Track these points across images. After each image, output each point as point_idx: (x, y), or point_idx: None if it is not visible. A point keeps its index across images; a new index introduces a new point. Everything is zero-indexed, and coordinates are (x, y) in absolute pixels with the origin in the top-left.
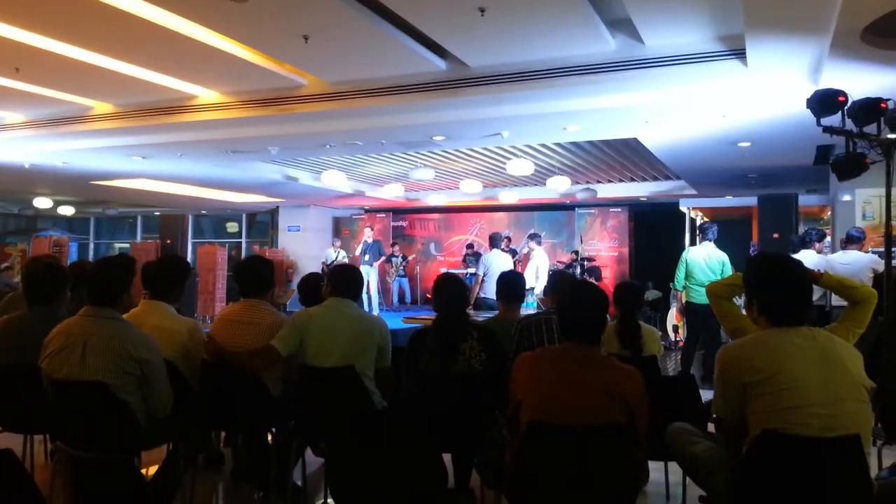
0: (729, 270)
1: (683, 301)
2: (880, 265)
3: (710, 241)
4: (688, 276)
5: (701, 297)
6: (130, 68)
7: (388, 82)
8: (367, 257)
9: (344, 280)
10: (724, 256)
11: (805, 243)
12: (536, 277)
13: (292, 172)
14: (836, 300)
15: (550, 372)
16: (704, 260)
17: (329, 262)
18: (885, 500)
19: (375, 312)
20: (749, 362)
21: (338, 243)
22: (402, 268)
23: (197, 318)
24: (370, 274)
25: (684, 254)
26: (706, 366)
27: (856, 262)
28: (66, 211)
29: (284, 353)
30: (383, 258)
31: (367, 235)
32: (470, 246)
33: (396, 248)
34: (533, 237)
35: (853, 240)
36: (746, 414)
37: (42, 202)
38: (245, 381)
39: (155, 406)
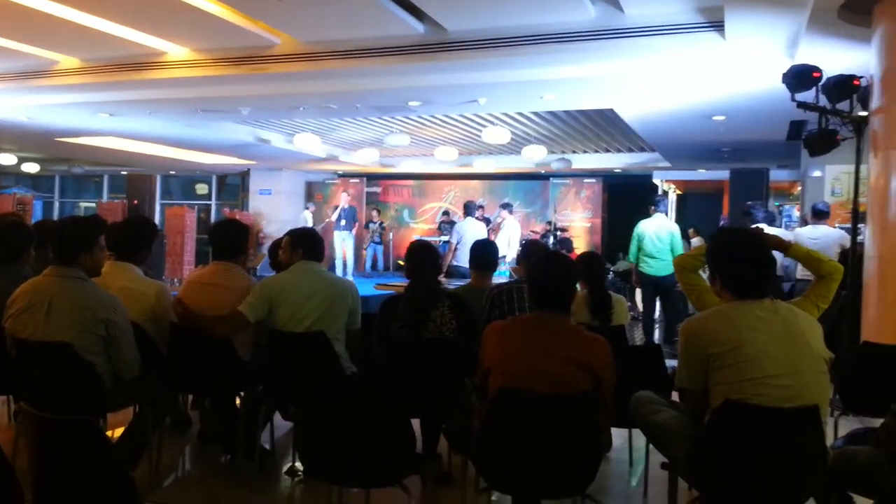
0: (678, 241)
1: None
2: (848, 241)
3: (662, 213)
4: (640, 248)
5: (650, 268)
6: (98, 21)
7: (364, 44)
8: (343, 223)
9: (313, 243)
10: (674, 227)
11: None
12: (508, 246)
13: (264, 134)
14: (801, 273)
15: (519, 340)
16: (654, 232)
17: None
18: (838, 468)
19: (349, 278)
20: (712, 335)
21: (312, 208)
22: (377, 234)
23: (165, 281)
24: (346, 240)
25: (637, 227)
26: (668, 334)
27: (825, 238)
28: (31, 168)
29: (252, 319)
30: (358, 224)
31: (344, 201)
32: (446, 213)
33: (376, 213)
34: (505, 206)
35: (821, 214)
36: (709, 384)
37: (6, 158)
38: (214, 345)
39: (121, 368)
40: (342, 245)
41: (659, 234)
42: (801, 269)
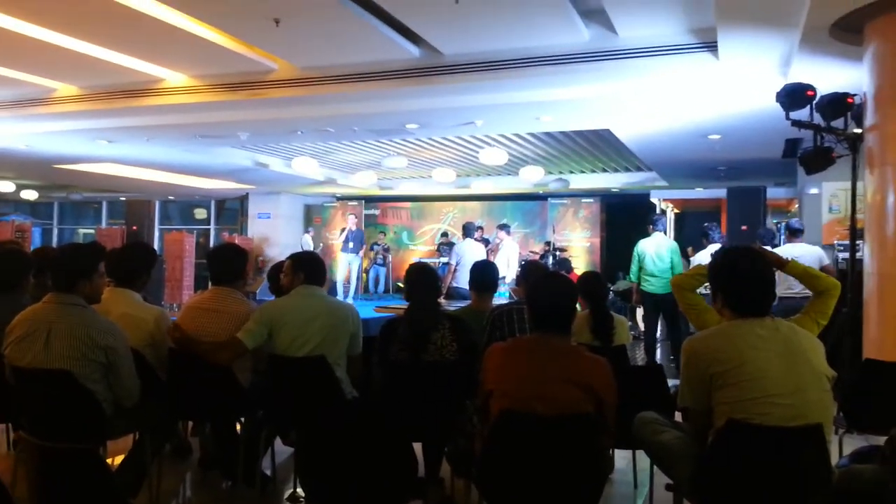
0: (678, 258)
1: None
2: (826, 260)
3: (660, 231)
4: (641, 266)
5: (651, 286)
6: (96, 49)
7: (360, 68)
8: (350, 245)
9: (315, 267)
10: (673, 245)
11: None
12: (507, 266)
13: (263, 159)
14: (783, 291)
15: (521, 362)
16: (655, 251)
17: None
18: (844, 487)
19: (350, 301)
20: (714, 353)
21: (312, 232)
22: (381, 256)
23: (164, 307)
24: (352, 262)
25: (636, 246)
26: (674, 352)
27: (804, 256)
28: (30, 195)
29: (251, 346)
30: (365, 246)
31: (351, 223)
32: (445, 235)
33: (382, 236)
34: (502, 227)
35: (796, 232)
36: (712, 404)
37: (4, 186)
38: (213, 371)
39: (121, 395)
40: (348, 267)
41: (659, 252)
42: (782, 286)
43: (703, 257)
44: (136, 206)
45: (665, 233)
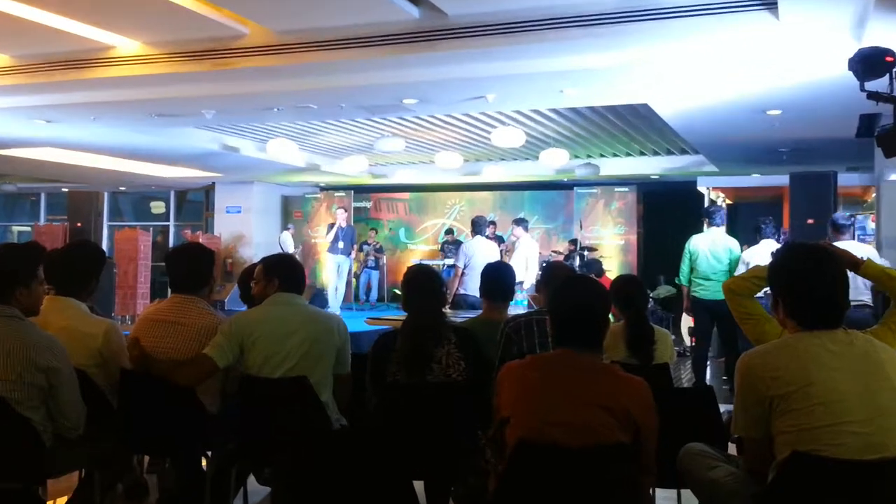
0: (736, 257)
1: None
2: (880, 260)
3: (718, 226)
4: (692, 267)
5: (706, 291)
6: (31, 11)
7: (348, 33)
8: (340, 245)
9: (291, 272)
10: (731, 243)
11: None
12: (525, 269)
13: (232, 141)
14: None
15: (542, 383)
16: (709, 249)
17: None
18: None
19: (336, 311)
20: (774, 372)
21: (293, 229)
22: (372, 258)
23: (114, 319)
24: (342, 265)
25: (688, 243)
26: (728, 370)
27: None
28: None
29: (222, 364)
30: (355, 247)
31: (341, 218)
32: (449, 232)
33: (373, 233)
34: (519, 222)
35: (842, 229)
36: (773, 433)
37: None
38: (174, 395)
39: (64, 424)
40: (337, 271)
41: (715, 251)
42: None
43: (755, 255)
44: (80, 198)
45: (722, 227)
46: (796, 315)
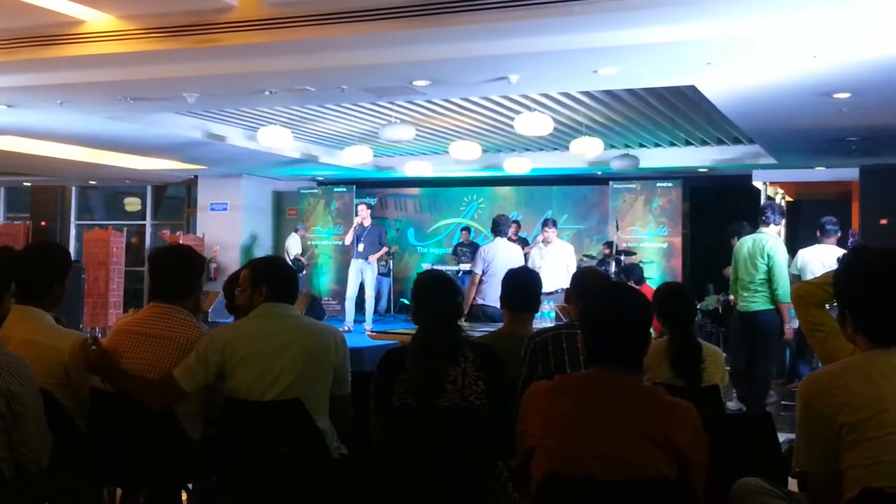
0: (777, 264)
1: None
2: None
3: (774, 224)
4: (735, 276)
5: (747, 302)
6: None
7: (350, 4)
8: (361, 247)
9: (282, 279)
10: (770, 244)
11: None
12: (565, 273)
13: (217, 129)
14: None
15: (574, 410)
16: (747, 251)
17: (295, 257)
18: None
19: (369, 327)
20: (844, 397)
21: (303, 230)
22: (383, 262)
23: (83, 331)
24: (364, 271)
25: (736, 246)
26: (755, 390)
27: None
28: None
29: (188, 388)
30: (385, 249)
31: (363, 216)
32: (465, 230)
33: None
34: (549, 223)
35: (828, 233)
36: (841, 467)
37: None
38: (151, 419)
39: (26, 455)
40: (358, 278)
41: (753, 253)
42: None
43: (810, 258)
44: (44, 193)
45: (778, 227)
46: (867, 329)
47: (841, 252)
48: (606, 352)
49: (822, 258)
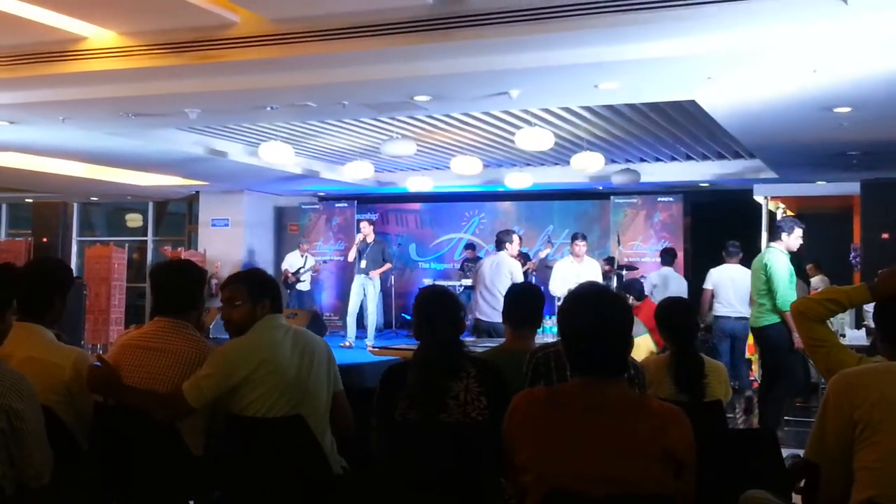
0: (774, 274)
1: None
2: None
3: (787, 234)
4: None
5: (755, 318)
6: None
7: (352, 20)
8: (363, 263)
9: (278, 290)
10: (769, 256)
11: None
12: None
13: (219, 145)
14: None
15: (565, 431)
16: (753, 266)
17: (295, 272)
18: None
19: (370, 342)
20: (863, 390)
21: (305, 246)
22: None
23: (85, 348)
24: (367, 287)
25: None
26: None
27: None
28: None
29: (197, 405)
30: (388, 266)
31: (366, 232)
32: (471, 247)
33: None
34: (580, 237)
35: (731, 254)
36: (853, 467)
37: None
38: (153, 434)
39: (27, 472)
40: (360, 294)
41: (752, 273)
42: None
43: (718, 276)
44: (46, 210)
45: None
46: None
47: (746, 271)
48: (587, 360)
49: (730, 275)
